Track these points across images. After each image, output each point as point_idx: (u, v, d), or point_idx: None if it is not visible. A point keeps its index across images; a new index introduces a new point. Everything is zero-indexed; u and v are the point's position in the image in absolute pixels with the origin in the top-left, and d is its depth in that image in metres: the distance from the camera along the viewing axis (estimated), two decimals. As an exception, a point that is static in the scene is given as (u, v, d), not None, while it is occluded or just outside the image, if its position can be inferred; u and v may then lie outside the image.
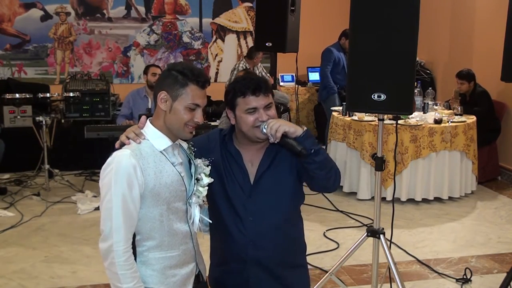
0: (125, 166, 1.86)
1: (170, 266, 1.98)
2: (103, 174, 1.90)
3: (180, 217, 2.00)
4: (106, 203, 1.87)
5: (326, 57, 6.88)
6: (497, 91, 6.37)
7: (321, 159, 2.04)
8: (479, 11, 6.84)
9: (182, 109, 1.93)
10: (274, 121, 2.05)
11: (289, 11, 5.00)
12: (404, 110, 3.02)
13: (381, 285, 3.38)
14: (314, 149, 2.02)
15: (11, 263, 4.04)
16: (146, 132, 1.97)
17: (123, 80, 7.98)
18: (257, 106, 2.07)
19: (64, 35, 7.76)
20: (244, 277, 2.15)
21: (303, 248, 2.31)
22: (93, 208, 5.15)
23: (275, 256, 2.14)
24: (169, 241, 1.97)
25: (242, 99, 2.08)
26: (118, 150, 1.93)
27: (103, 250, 1.88)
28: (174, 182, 1.95)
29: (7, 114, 5.58)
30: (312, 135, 2.07)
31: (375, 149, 5.04)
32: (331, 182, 2.11)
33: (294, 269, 2.22)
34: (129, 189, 1.86)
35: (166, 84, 1.94)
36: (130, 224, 1.88)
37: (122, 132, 2.03)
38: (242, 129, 2.11)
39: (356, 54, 2.91)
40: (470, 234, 4.74)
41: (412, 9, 2.78)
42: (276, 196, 2.13)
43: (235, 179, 2.14)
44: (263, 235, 2.12)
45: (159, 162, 1.93)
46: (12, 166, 6.32)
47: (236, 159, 2.15)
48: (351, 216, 5.06)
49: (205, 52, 8.26)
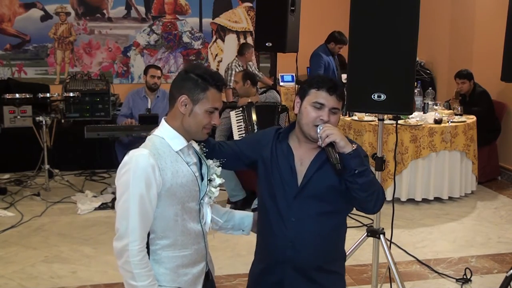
0: (144, 166, 1.86)
1: (183, 265, 1.99)
2: (120, 173, 1.90)
3: (194, 217, 2.02)
4: (123, 202, 1.88)
5: (316, 63, 6.58)
6: (497, 91, 6.37)
7: (364, 181, 2.00)
8: (479, 11, 6.84)
9: (202, 113, 1.95)
10: (331, 127, 2.03)
11: (289, 11, 5.00)
12: (404, 110, 3.02)
13: (381, 285, 3.38)
14: (359, 170, 1.99)
15: (11, 263, 4.04)
16: (162, 132, 1.98)
17: (123, 80, 7.98)
18: (325, 103, 2.06)
19: (64, 35, 7.76)
20: (280, 277, 2.13)
21: (343, 256, 2.27)
22: (93, 208, 5.15)
23: (312, 260, 2.11)
24: (183, 241, 1.98)
25: (316, 91, 2.08)
26: (135, 150, 1.92)
27: (117, 248, 1.88)
28: (189, 182, 1.96)
29: (7, 114, 5.59)
30: (360, 155, 2.02)
31: (375, 149, 5.03)
32: (371, 205, 2.06)
33: (330, 275, 2.18)
34: (147, 189, 1.86)
35: (187, 88, 1.94)
36: (146, 224, 1.90)
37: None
38: (301, 120, 2.10)
39: (356, 54, 2.92)
40: (470, 234, 4.74)
41: (412, 9, 2.78)
42: (322, 201, 2.09)
43: (283, 177, 2.11)
44: (303, 237, 2.09)
45: (175, 162, 1.94)
46: (12, 166, 6.33)
47: (287, 156, 2.13)
48: (351, 216, 5.05)
49: (205, 52, 8.26)
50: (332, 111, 2.08)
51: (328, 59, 6.60)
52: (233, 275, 3.82)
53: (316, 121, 2.05)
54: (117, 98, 6.91)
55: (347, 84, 2.98)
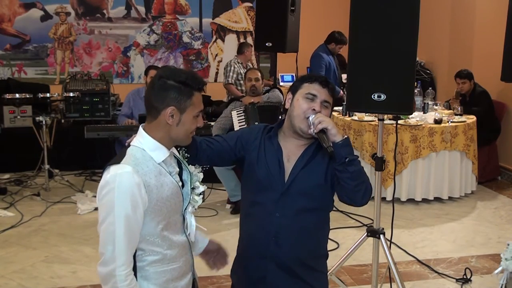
0: (129, 186, 1.75)
1: (172, 278, 1.93)
2: (102, 193, 1.78)
3: (178, 228, 1.95)
4: (108, 225, 1.76)
5: (317, 63, 6.59)
6: (497, 91, 6.37)
7: (354, 169, 2.03)
8: (479, 11, 6.84)
9: (190, 120, 1.87)
10: (323, 115, 2.07)
11: (289, 11, 5.00)
12: (404, 110, 3.02)
13: (381, 285, 3.38)
14: (349, 158, 2.02)
15: (11, 263, 4.04)
16: (142, 143, 1.87)
17: (123, 80, 7.98)
18: (318, 95, 2.10)
19: (64, 35, 7.76)
20: (262, 273, 2.13)
21: (325, 254, 2.28)
22: (93, 208, 5.15)
23: (295, 256, 2.12)
24: (171, 254, 1.91)
25: (309, 84, 2.12)
26: (116, 166, 1.79)
27: (103, 274, 1.78)
28: (173, 194, 1.88)
29: (7, 114, 5.59)
30: (350, 144, 2.07)
31: (375, 149, 5.04)
32: (360, 195, 2.07)
33: (313, 272, 2.19)
34: (133, 210, 1.76)
35: (171, 98, 1.82)
36: (132, 246, 1.81)
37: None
38: (292, 113, 2.12)
39: (356, 54, 2.92)
40: (470, 234, 4.74)
41: (412, 9, 2.78)
42: (307, 197, 2.11)
43: (270, 173, 2.12)
44: (287, 233, 2.10)
45: (159, 176, 1.84)
46: (12, 166, 6.33)
47: (276, 153, 2.14)
48: (351, 216, 5.06)
49: (205, 52, 8.26)
50: (324, 104, 2.11)
51: (329, 59, 6.62)
52: (233, 275, 3.81)
53: (308, 113, 2.08)
54: (117, 98, 6.91)
55: (347, 84, 2.98)
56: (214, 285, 3.66)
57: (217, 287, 3.67)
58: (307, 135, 2.10)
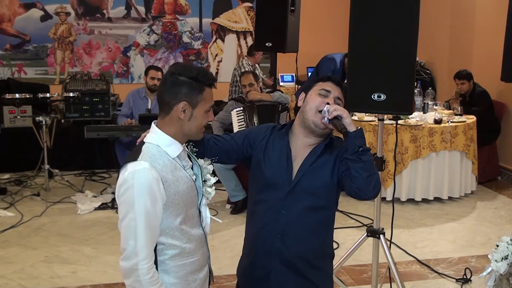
0: (147, 181, 1.79)
1: (191, 271, 1.98)
2: (121, 190, 1.83)
3: (195, 222, 2.00)
4: (129, 221, 1.81)
5: (327, 67, 6.52)
6: (497, 91, 6.37)
7: (366, 159, 2.04)
8: (479, 11, 6.84)
9: (202, 115, 1.92)
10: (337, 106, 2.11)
11: (289, 11, 5.00)
12: (404, 110, 3.02)
13: (381, 285, 3.39)
14: (363, 148, 2.05)
15: (11, 263, 4.04)
16: (156, 139, 1.91)
17: (123, 80, 7.98)
18: (331, 91, 2.15)
19: (64, 35, 7.76)
20: (267, 270, 2.14)
21: (330, 254, 2.28)
22: (93, 208, 5.16)
23: (300, 255, 2.13)
24: (189, 248, 1.96)
25: (322, 83, 2.18)
26: (134, 163, 1.83)
27: (126, 268, 1.83)
28: (189, 188, 1.93)
29: (7, 114, 5.59)
30: (363, 135, 2.10)
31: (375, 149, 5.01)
32: (371, 187, 2.05)
33: (317, 271, 2.19)
34: (152, 205, 1.81)
35: (183, 94, 1.88)
36: (153, 240, 1.86)
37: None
38: (305, 107, 2.16)
39: (356, 54, 2.92)
40: (470, 234, 4.75)
41: (412, 9, 2.78)
42: (314, 196, 2.12)
43: (278, 172, 2.13)
44: (292, 231, 2.11)
45: (174, 171, 1.89)
46: (12, 166, 6.33)
47: (285, 151, 2.16)
48: (351, 216, 5.06)
49: (205, 52, 8.26)
50: (337, 101, 2.16)
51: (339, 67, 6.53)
52: (233, 275, 3.78)
53: (321, 106, 2.11)
54: (117, 98, 6.90)
55: (347, 84, 2.98)
56: (214, 285, 3.65)
57: (217, 287, 3.67)
58: (319, 128, 2.12)
